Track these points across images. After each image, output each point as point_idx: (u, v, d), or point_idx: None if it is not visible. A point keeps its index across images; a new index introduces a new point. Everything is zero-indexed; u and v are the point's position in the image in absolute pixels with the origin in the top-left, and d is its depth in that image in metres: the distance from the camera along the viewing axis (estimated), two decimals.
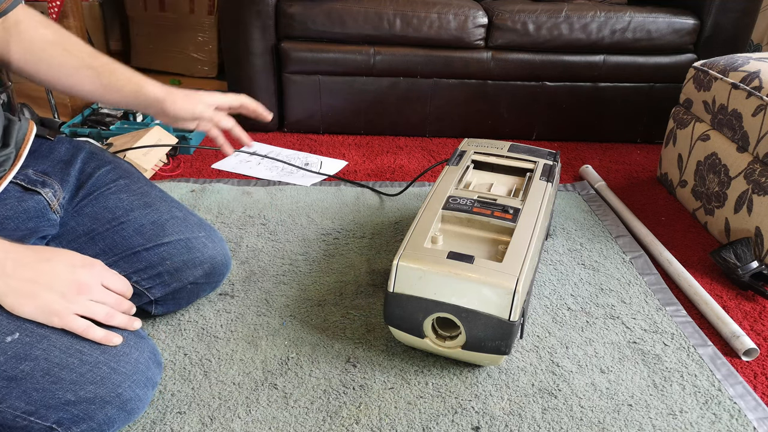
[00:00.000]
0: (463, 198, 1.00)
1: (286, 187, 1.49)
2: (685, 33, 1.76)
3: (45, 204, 0.84)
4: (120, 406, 0.70)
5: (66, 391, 0.67)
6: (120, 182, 0.92)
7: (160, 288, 0.92)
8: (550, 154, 1.19)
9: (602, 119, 1.89)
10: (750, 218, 1.22)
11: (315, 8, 1.71)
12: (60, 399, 0.67)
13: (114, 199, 0.90)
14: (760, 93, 1.22)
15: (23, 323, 0.68)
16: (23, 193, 0.82)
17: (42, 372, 0.67)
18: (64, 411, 0.67)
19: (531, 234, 0.92)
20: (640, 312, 1.07)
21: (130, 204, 0.91)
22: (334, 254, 1.21)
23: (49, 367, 0.68)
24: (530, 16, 1.73)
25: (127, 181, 0.94)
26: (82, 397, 0.68)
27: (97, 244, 0.88)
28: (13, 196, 0.80)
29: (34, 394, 0.66)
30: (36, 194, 0.83)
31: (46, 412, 0.67)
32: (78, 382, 0.68)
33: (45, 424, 0.67)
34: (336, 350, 0.94)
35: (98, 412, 0.69)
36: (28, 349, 0.68)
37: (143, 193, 0.94)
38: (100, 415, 0.69)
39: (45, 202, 0.84)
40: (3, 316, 0.68)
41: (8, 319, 0.68)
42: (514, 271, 0.83)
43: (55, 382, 0.67)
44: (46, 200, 0.84)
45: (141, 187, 0.95)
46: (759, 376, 0.95)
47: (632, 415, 0.85)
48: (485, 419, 0.83)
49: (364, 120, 1.87)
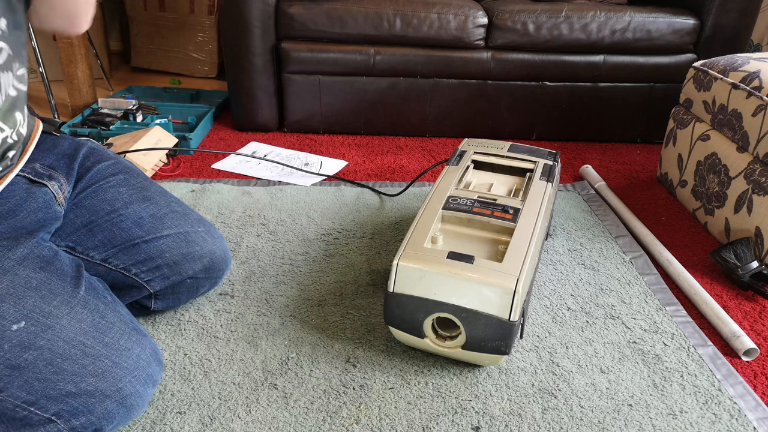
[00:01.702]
0: (463, 198, 1.00)
1: (286, 187, 1.49)
2: (685, 33, 1.76)
3: (51, 196, 0.84)
4: (120, 401, 0.71)
5: (67, 382, 0.68)
6: (119, 176, 0.93)
7: (160, 281, 0.93)
8: (550, 154, 1.19)
9: (602, 119, 1.89)
10: (750, 218, 1.22)
11: (315, 8, 1.71)
12: (61, 390, 0.68)
13: (113, 192, 0.91)
14: (760, 93, 1.22)
15: (30, 312, 0.69)
16: (30, 186, 0.83)
17: (45, 362, 0.68)
18: (64, 403, 0.68)
19: (531, 234, 0.92)
20: (640, 312, 1.07)
21: (129, 197, 0.92)
22: (334, 254, 1.21)
23: (52, 357, 0.68)
24: (530, 16, 1.73)
25: (127, 176, 0.94)
26: (83, 390, 0.68)
27: (96, 235, 0.89)
28: (21, 188, 0.81)
29: (35, 384, 0.67)
30: (43, 186, 0.84)
31: (46, 403, 0.67)
32: (79, 374, 0.69)
33: (44, 416, 0.67)
34: (336, 350, 0.94)
35: (98, 406, 0.69)
36: (33, 338, 0.68)
37: (142, 187, 0.95)
38: (99, 408, 0.69)
39: (51, 194, 0.85)
40: (10, 304, 0.69)
41: (15, 307, 0.69)
42: (514, 271, 0.83)
43: (57, 373, 0.68)
44: (52, 193, 0.85)
45: (140, 182, 0.95)
46: (759, 376, 0.95)
47: (632, 415, 0.85)
48: (485, 419, 0.83)
49: (364, 120, 1.87)
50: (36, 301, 0.71)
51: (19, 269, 0.72)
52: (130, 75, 2.47)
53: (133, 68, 2.56)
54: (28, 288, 0.71)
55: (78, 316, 0.73)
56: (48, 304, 0.71)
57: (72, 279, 0.77)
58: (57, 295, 0.73)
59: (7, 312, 0.68)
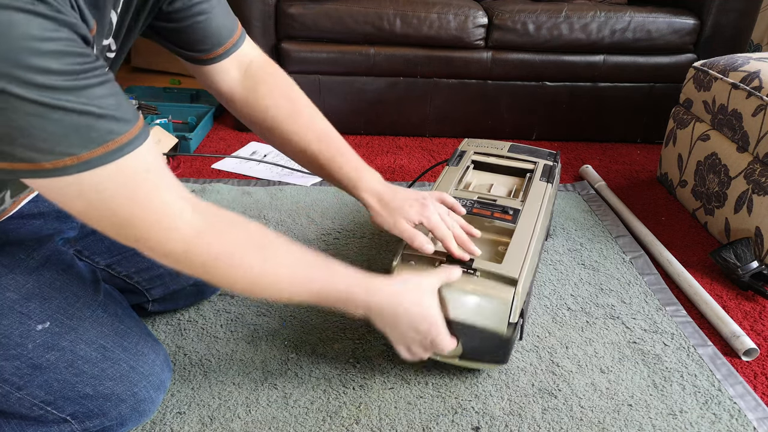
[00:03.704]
0: (462, 199, 1.00)
1: (286, 187, 1.49)
2: (685, 33, 1.76)
3: None
4: (134, 406, 0.71)
5: (85, 384, 0.69)
6: None
7: (160, 289, 0.93)
8: (550, 154, 1.19)
9: (602, 119, 1.89)
10: (750, 218, 1.22)
11: (315, 8, 1.71)
12: (79, 392, 0.68)
13: None
14: (760, 93, 1.22)
15: (55, 313, 0.70)
16: None
17: (66, 363, 0.68)
18: (80, 404, 0.68)
19: (531, 235, 0.92)
20: (640, 312, 1.07)
21: None
22: (334, 254, 1.21)
23: (73, 359, 0.69)
24: (530, 16, 1.73)
25: None
26: (100, 393, 0.69)
27: (104, 241, 0.89)
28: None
29: (54, 385, 0.67)
30: None
31: (63, 403, 0.68)
32: (98, 377, 0.69)
33: (60, 415, 0.68)
34: (336, 350, 0.94)
35: (112, 410, 0.70)
36: (57, 339, 0.69)
37: None
38: (114, 412, 0.70)
39: None
40: (36, 303, 0.69)
41: (41, 307, 0.69)
42: (513, 273, 0.82)
43: (77, 375, 0.68)
44: None
45: None
46: (759, 376, 0.95)
47: (632, 415, 0.85)
48: (485, 419, 0.83)
49: (364, 120, 1.87)
50: (60, 303, 0.71)
51: (43, 270, 0.73)
52: (130, 75, 2.47)
53: (133, 68, 2.56)
54: (52, 289, 0.72)
55: (99, 319, 0.73)
56: (71, 306, 0.72)
57: (91, 283, 0.77)
58: (80, 298, 0.73)
59: (34, 312, 0.69)
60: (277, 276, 0.67)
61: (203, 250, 0.61)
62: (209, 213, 0.63)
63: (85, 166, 0.51)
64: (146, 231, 0.58)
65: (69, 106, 0.49)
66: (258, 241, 0.66)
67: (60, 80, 0.48)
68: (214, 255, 0.62)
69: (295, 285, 0.68)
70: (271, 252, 0.67)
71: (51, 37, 0.47)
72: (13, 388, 0.66)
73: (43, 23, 0.46)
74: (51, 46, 0.47)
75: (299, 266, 0.68)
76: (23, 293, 0.69)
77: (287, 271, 0.67)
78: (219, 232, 0.63)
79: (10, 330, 0.67)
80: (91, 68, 0.51)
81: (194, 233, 0.61)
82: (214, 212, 0.64)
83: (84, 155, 0.51)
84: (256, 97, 0.84)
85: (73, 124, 0.50)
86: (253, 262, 0.64)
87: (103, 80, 0.52)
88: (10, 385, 0.66)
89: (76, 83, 0.49)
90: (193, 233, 0.60)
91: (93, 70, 0.51)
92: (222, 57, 0.80)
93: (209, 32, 0.77)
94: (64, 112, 0.49)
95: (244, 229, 0.66)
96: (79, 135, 0.50)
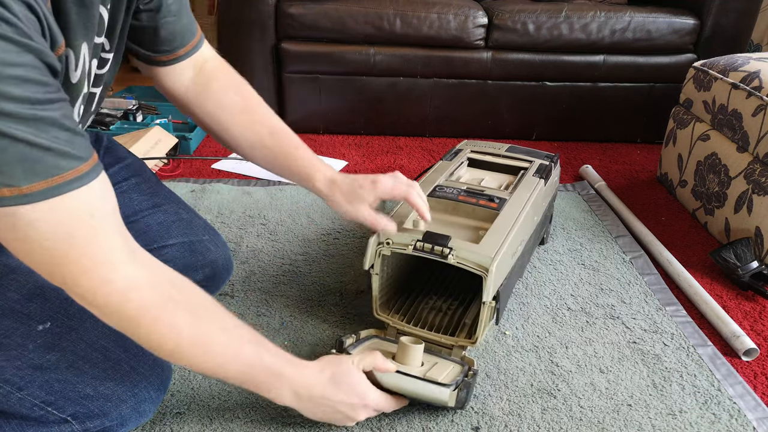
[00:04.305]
0: (450, 187, 0.99)
1: (286, 187, 1.49)
2: (685, 33, 1.76)
3: None
4: (134, 407, 0.71)
5: (86, 385, 0.69)
6: (131, 180, 0.93)
7: None
8: (548, 156, 1.18)
9: (602, 119, 1.89)
10: (750, 218, 1.22)
11: (315, 8, 1.71)
12: (79, 392, 0.68)
13: (124, 198, 0.91)
14: (760, 93, 1.22)
15: (56, 313, 0.69)
16: None
17: (67, 364, 0.68)
18: (81, 405, 0.68)
19: (514, 220, 0.91)
20: (640, 312, 1.07)
21: (139, 204, 0.92)
22: (334, 254, 1.21)
23: (74, 359, 0.69)
24: (530, 16, 1.73)
25: (138, 180, 0.95)
26: (101, 393, 0.69)
27: None
28: None
29: (55, 385, 0.67)
30: None
31: (63, 403, 0.68)
32: (99, 378, 0.69)
33: (60, 416, 0.68)
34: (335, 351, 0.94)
35: (113, 410, 0.70)
36: (58, 339, 0.69)
37: (152, 192, 0.95)
38: (114, 412, 0.70)
39: None
40: (37, 303, 0.69)
41: (42, 307, 0.69)
42: (489, 252, 0.82)
43: (78, 375, 0.68)
44: None
45: (150, 186, 0.96)
46: (759, 376, 0.95)
47: (632, 415, 0.85)
48: (485, 419, 0.83)
49: (364, 120, 1.87)
50: (61, 302, 0.71)
51: None
52: (130, 75, 2.47)
53: (133, 68, 2.55)
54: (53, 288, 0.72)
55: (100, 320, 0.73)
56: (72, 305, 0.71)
57: None
58: None
59: (35, 312, 0.69)
60: (206, 344, 0.64)
61: (134, 306, 0.58)
62: (150, 267, 0.61)
63: (24, 200, 0.49)
64: (77, 277, 0.56)
65: (19, 136, 0.47)
66: (194, 306, 0.64)
67: (16, 107, 0.46)
68: (144, 312, 0.59)
69: (224, 356, 0.66)
70: (206, 319, 0.65)
71: (14, 62, 0.46)
72: (14, 389, 0.66)
73: (7, 46, 0.45)
74: (12, 72, 0.46)
75: (232, 337, 0.67)
76: (24, 293, 0.69)
77: (218, 340, 0.65)
78: (155, 290, 0.60)
79: (11, 330, 0.67)
80: (51, 99, 0.49)
81: (130, 287, 0.58)
82: (155, 267, 0.62)
83: (24, 188, 0.49)
84: (208, 93, 0.84)
85: (19, 154, 0.47)
86: (183, 326, 0.62)
87: (62, 113, 0.50)
88: (10, 385, 0.66)
89: (32, 112, 0.47)
90: (129, 287, 0.58)
91: (52, 102, 0.49)
92: (182, 58, 0.81)
93: (176, 34, 0.78)
94: (12, 140, 0.47)
95: (183, 291, 0.64)
96: (22, 167, 0.48)
